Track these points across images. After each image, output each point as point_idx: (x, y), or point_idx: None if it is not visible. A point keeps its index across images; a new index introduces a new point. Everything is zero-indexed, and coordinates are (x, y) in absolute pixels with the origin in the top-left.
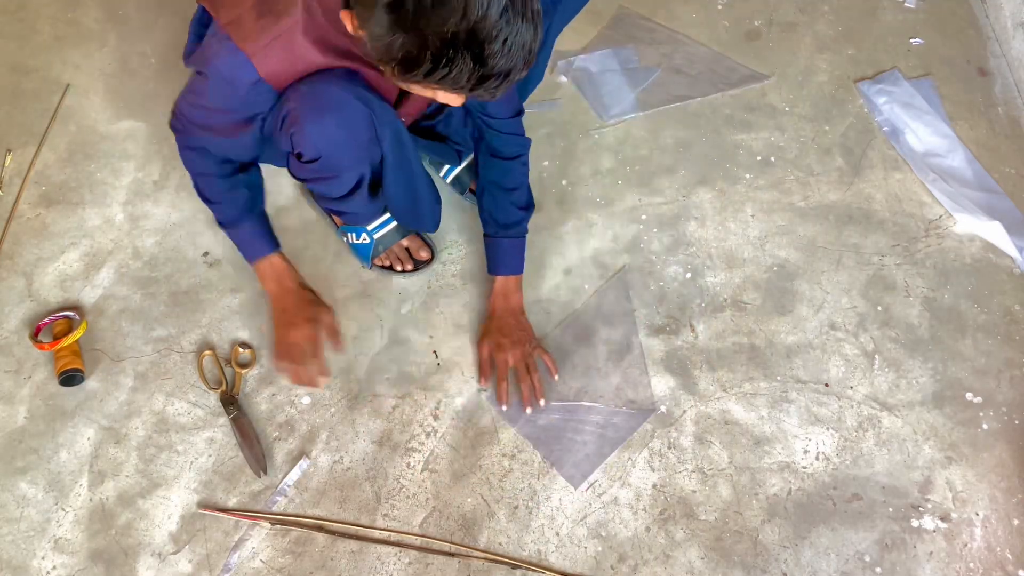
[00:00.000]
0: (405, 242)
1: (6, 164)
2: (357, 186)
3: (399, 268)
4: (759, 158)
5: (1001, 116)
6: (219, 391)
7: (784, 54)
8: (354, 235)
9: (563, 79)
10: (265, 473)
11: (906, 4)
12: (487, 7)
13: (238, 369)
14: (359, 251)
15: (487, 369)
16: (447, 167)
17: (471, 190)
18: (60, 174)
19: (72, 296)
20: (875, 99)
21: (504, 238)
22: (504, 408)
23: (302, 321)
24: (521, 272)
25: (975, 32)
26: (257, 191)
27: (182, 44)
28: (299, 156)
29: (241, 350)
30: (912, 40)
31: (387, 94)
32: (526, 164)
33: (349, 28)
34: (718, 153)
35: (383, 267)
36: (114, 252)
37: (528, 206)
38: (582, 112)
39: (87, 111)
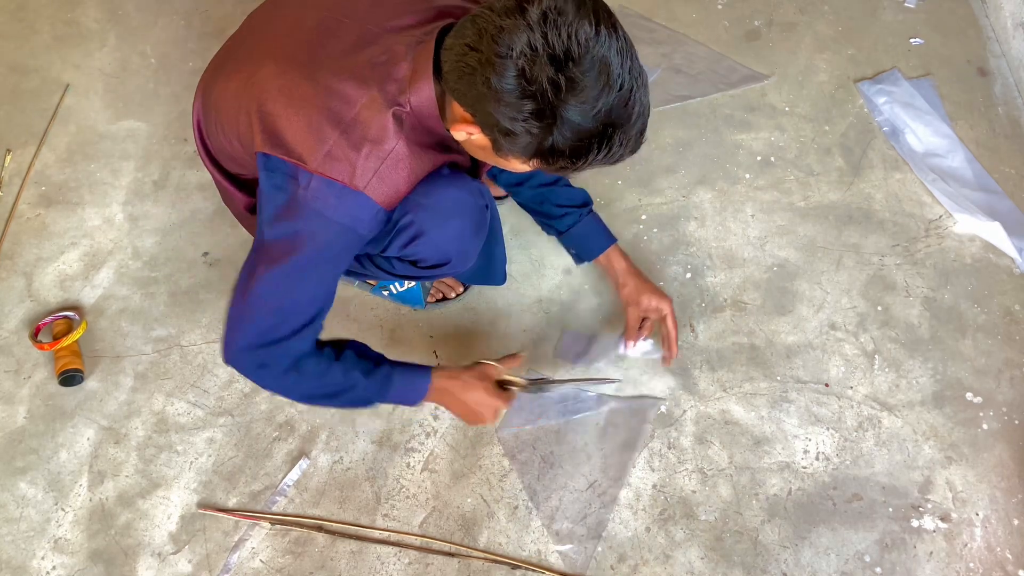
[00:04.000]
0: None
1: (6, 164)
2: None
3: (453, 296)
4: (759, 158)
5: (1001, 116)
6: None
7: (784, 54)
8: (397, 285)
9: None
10: (617, 380)
11: (906, 4)
12: (623, 79)
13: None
14: (408, 297)
15: (635, 332)
16: None
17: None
18: (60, 174)
19: (72, 296)
20: (875, 99)
21: (576, 224)
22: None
23: (479, 411)
24: (615, 240)
25: (975, 32)
26: (362, 346)
27: (182, 44)
28: (415, 263)
29: None
30: (912, 40)
31: (468, 168)
32: (568, 182)
33: (462, 135)
34: (718, 153)
35: (437, 301)
36: (114, 252)
37: (584, 203)
38: None
39: (87, 111)
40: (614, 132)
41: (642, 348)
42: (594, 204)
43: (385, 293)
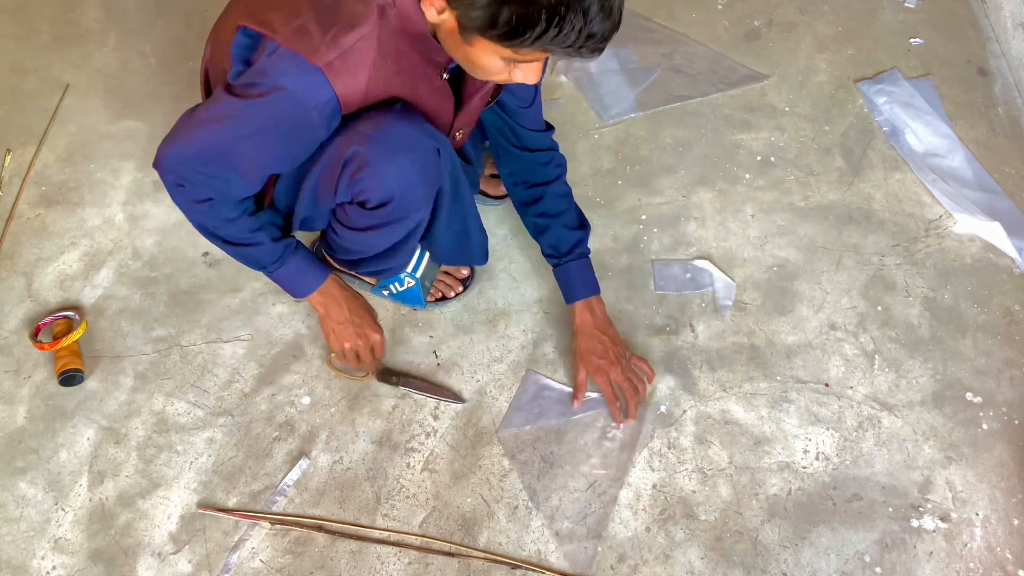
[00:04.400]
0: (443, 267)
1: (6, 164)
2: (406, 239)
3: (452, 295)
4: (759, 158)
5: (1001, 116)
6: (367, 376)
7: (784, 54)
8: (396, 284)
9: (563, 79)
10: (464, 400)
11: (906, 4)
12: None
13: (356, 363)
14: (408, 297)
15: (581, 394)
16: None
17: (488, 196)
18: (60, 174)
19: (72, 296)
20: (875, 99)
21: (570, 262)
22: (622, 427)
23: (355, 337)
24: (598, 292)
25: (975, 32)
26: (276, 223)
27: (182, 44)
28: (363, 204)
29: (336, 357)
30: (912, 40)
31: (442, 121)
32: (565, 184)
33: (432, 13)
34: (718, 153)
35: (436, 300)
36: (114, 252)
37: (582, 225)
38: (582, 112)
39: (87, 111)
40: (567, 10)
41: (590, 406)
42: (591, 226)
43: (385, 293)
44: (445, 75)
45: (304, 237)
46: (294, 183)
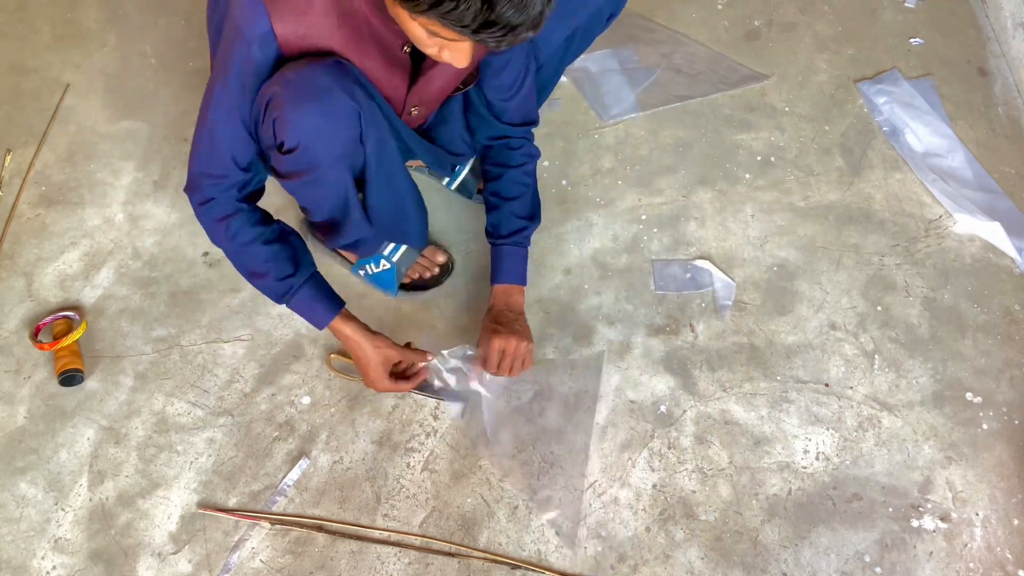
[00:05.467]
0: (421, 255)
1: (6, 164)
2: (345, 200)
3: (428, 275)
4: (759, 158)
5: (1001, 116)
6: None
7: (784, 54)
8: (372, 265)
9: (563, 79)
10: (464, 400)
11: (906, 4)
12: None
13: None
14: (382, 280)
15: (487, 368)
16: (446, 179)
17: (479, 191)
18: (60, 174)
19: (72, 296)
20: (875, 99)
21: (503, 246)
22: (481, 375)
23: (384, 381)
24: (523, 283)
25: (975, 32)
26: (301, 245)
27: (182, 44)
28: (280, 147)
29: (336, 357)
30: (912, 40)
31: (391, 93)
32: (530, 174)
33: None
34: (718, 153)
35: (409, 287)
36: (114, 252)
37: (531, 216)
38: (582, 112)
39: (87, 111)
40: None
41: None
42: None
43: (361, 273)
44: (406, 48)
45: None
46: None
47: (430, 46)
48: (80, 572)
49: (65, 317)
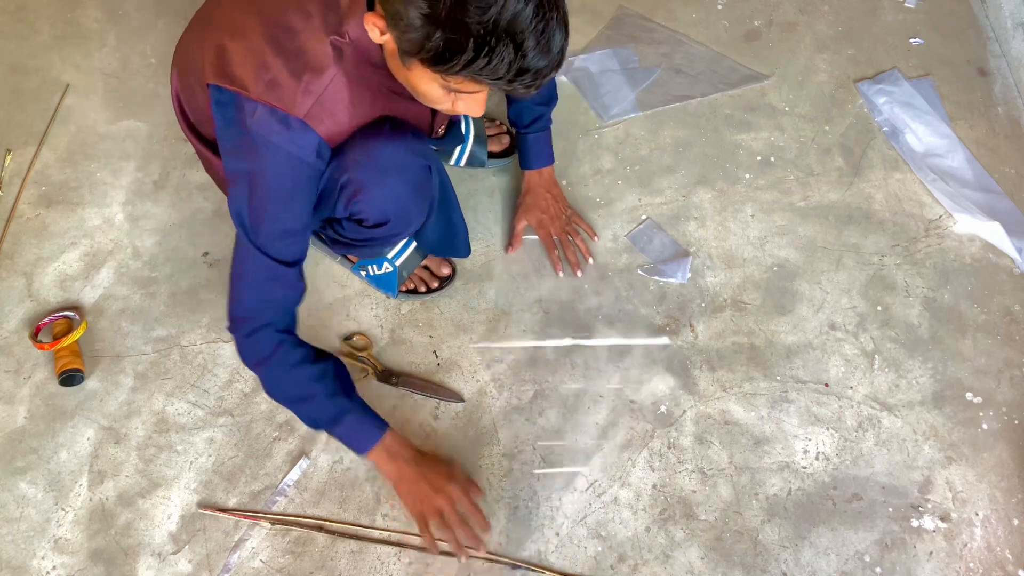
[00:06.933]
0: (425, 262)
1: (6, 164)
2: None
3: (423, 290)
4: (759, 158)
5: (1001, 116)
6: (367, 376)
7: (784, 54)
8: (375, 267)
9: (563, 79)
10: (463, 400)
11: (906, 4)
12: (525, 1)
13: (363, 353)
14: (383, 282)
15: (518, 241)
16: (456, 153)
17: (491, 155)
18: (60, 174)
19: (72, 296)
20: (875, 99)
21: (529, 134)
22: (560, 275)
23: (434, 492)
24: (552, 163)
25: (975, 32)
26: (343, 371)
27: None
28: (360, 222)
29: (350, 339)
30: (912, 40)
31: (422, 125)
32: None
33: (375, 34)
34: (718, 153)
35: (408, 292)
36: (114, 252)
37: (548, 101)
38: (582, 112)
39: (87, 111)
40: (497, 41)
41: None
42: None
43: (363, 273)
44: None
45: None
46: None
47: (444, 102)
48: (80, 572)
49: (65, 317)
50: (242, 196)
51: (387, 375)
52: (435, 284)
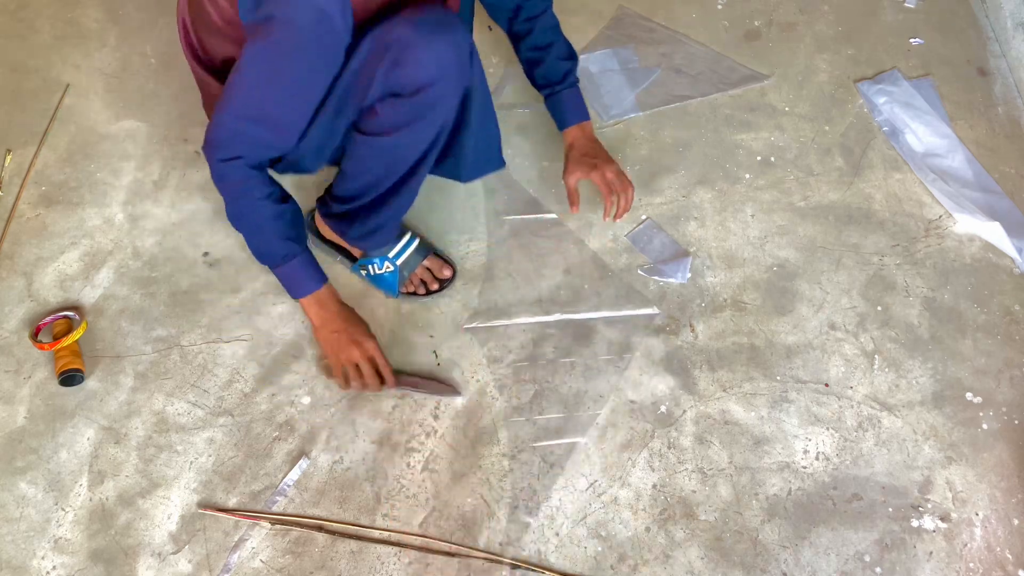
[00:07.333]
0: (426, 263)
1: (6, 164)
2: (435, 141)
3: (423, 292)
4: (759, 158)
5: (1001, 116)
6: None
7: (784, 54)
8: (376, 265)
9: None
10: (459, 393)
11: (906, 4)
12: None
13: (359, 381)
14: (384, 282)
15: (577, 197)
16: None
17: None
18: (60, 174)
19: (72, 296)
20: (875, 99)
21: (563, 90)
22: (606, 220)
23: (352, 343)
24: (588, 118)
25: (975, 32)
26: (300, 219)
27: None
28: (397, 94)
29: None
30: (912, 40)
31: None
32: (553, 16)
33: None
34: (718, 153)
35: (408, 295)
36: (114, 252)
37: (570, 56)
38: None
39: (87, 111)
40: None
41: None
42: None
43: (363, 273)
44: None
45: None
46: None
47: None
48: (80, 572)
49: (65, 317)
50: (258, 47)
51: None
52: (435, 286)
